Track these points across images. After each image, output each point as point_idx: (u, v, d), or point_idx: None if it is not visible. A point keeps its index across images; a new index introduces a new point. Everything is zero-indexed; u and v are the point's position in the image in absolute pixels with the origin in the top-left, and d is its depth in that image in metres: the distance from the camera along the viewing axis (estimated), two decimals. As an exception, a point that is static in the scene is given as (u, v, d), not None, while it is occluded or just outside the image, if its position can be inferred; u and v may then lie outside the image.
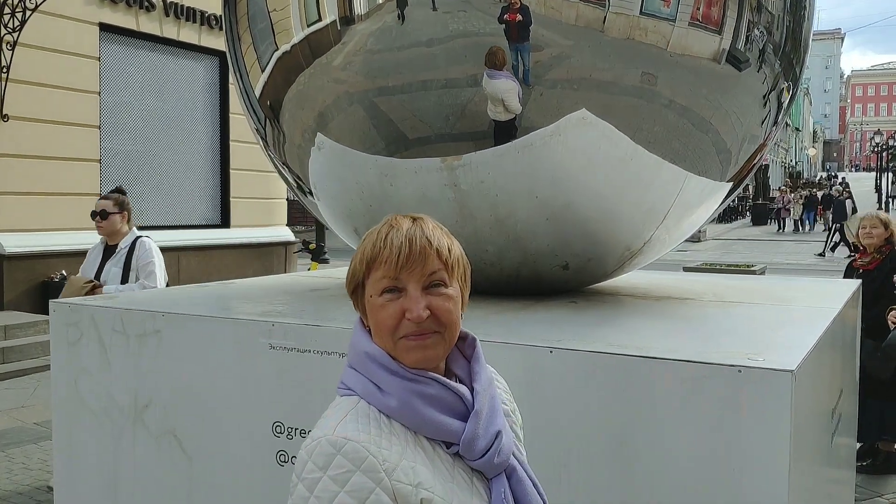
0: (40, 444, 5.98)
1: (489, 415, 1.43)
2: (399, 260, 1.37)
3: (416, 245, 1.39)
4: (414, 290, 1.37)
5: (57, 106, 10.77)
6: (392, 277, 1.38)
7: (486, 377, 1.49)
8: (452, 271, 1.42)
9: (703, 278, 4.65)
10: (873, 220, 5.73)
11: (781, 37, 3.09)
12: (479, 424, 1.40)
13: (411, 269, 1.37)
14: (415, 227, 1.42)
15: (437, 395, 1.39)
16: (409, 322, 1.37)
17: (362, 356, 1.43)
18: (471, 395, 1.43)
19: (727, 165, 3.18)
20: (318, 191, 3.39)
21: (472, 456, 1.40)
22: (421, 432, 1.39)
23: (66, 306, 3.28)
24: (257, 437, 2.78)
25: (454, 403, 1.41)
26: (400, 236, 1.40)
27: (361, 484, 1.29)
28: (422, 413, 1.38)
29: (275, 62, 3.13)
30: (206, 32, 12.84)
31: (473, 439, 1.39)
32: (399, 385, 1.38)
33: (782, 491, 1.99)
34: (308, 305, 3.28)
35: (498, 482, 1.43)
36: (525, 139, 2.80)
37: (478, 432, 1.40)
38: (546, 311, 3.02)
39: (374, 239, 1.42)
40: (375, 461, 1.31)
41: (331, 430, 1.34)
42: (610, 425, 2.21)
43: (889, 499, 5.13)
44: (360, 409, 1.39)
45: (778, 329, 2.79)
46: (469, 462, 1.41)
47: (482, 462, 1.41)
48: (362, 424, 1.35)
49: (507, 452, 1.45)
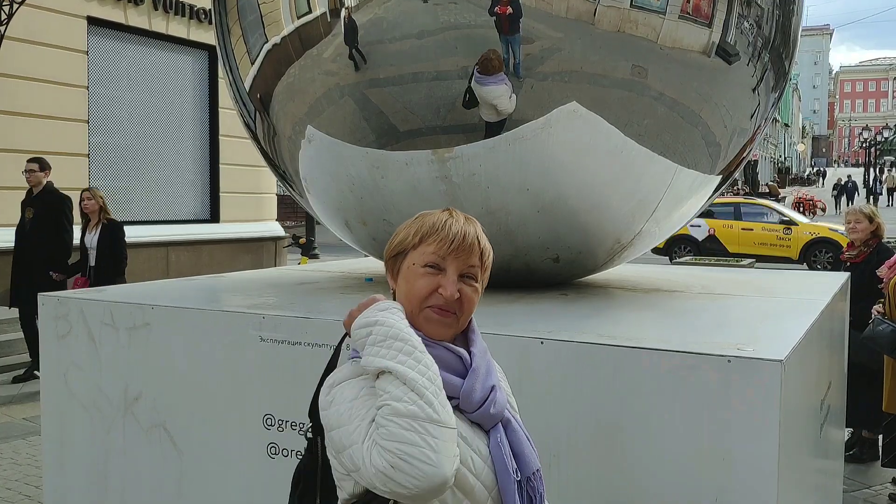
0: (29, 440, 5.95)
1: (485, 372, 1.62)
2: (452, 245, 1.59)
3: (469, 239, 1.61)
4: (452, 274, 1.59)
5: (44, 100, 10.69)
6: (440, 256, 1.59)
7: (482, 346, 1.68)
8: (484, 271, 1.66)
9: (692, 271, 4.68)
10: (857, 214, 5.76)
11: (771, 31, 3.10)
12: (476, 379, 1.59)
13: (457, 256, 1.60)
14: (469, 224, 1.64)
15: (439, 355, 1.56)
16: (440, 296, 1.58)
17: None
18: (469, 357, 1.62)
19: (717, 158, 3.20)
20: (308, 183, 3.38)
21: (470, 408, 1.57)
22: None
23: (54, 299, 3.27)
24: (248, 430, 2.77)
25: (454, 363, 1.59)
26: (458, 227, 1.61)
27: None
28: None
29: (265, 54, 3.12)
30: (195, 26, 12.77)
31: (471, 392, 1.57)
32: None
33: (771, 480, 2.01)
34: (298, 298, 3.27)
35: (495, 431, 1.59)
36: (516, 132, 2.80)
37: (475, 386, 1.58)
38: (537, 303, 3.03)
39: (434, 221, 1.62)
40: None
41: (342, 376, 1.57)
42: (600, 415, 2.22)
43: (877, 490, 5.16)
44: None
45: (767, 320, 2.81)
46: (468, 415, 1.57)
47: (479, 413, 1.58)
48: (365, 379, 1.54)
49: (502, 405, 1.62)
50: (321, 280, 3.90)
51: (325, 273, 4.21)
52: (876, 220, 5.70)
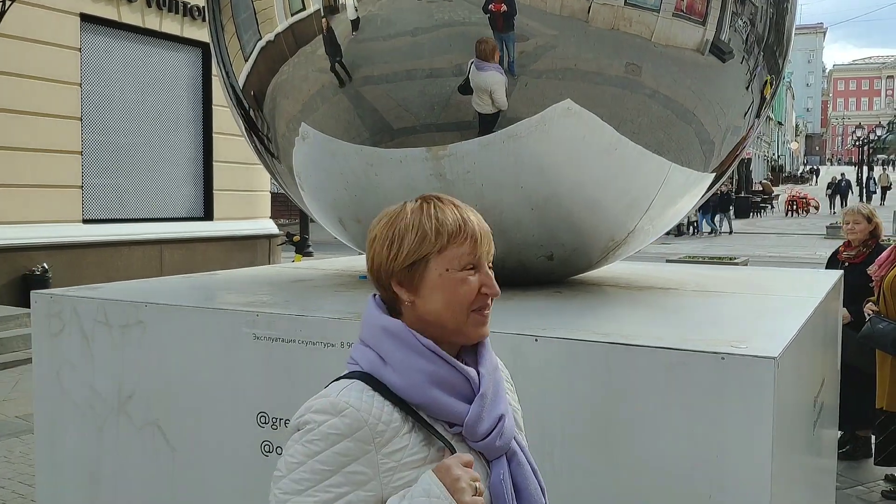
0: (22, 438, 5.94)
1: (493, 398, 1.47)
2: (481, 237, 1.46)
3: (484, 225, 1.49)
4: (486, 268, 1.47)
5: (37, 97, 10.66)
6: (475, 254, 1.45)
7: (492, 362, 1.54)
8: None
9: (685, 269, 4.68)
10: (856, 214, 5.75)
11: (765, 29, 3.10)
12: (483, 407, 1.45)
13: (486, 247, 1.47)
14: (468, 207, 1.49)
15: (446, 376, 1.43)
16: (484, 297, 1.46)
17: (377, 331, 1.46)
18: (477, 377, 1.47)
19: (710, 156, 3.20)
20: (302, 181, 3.38)
21: (474, 438, 1.44)
22: (424, 411, 1.42)
23: (48, 297, 3.26)
24: (241, 428, 2.77)
25: (461, 385, 1.45)
26: (468, 215, 1.47)
27: (347, 450, 1.35)
28: (428, 393, 1.42)
29: (259, 52, 3.12)
30: (189, 24, 12.74)
31: (477, 422, 1.44)
32: (411, 362, 1.42)
33: (765, 477, 2.01)
34: (293, 296, 3.27)
35: (498, 464, 1.47)
36: (510, 129, 2.80)
37: (482, 415, 1.44)
38: (531, 301, 3.03)
39: (447, 218, 1.45)
40: (370, 433, 1.36)
41: (335, 393, 1.39)
42: (594, 412, 2.22)
43: (869, 487, 5.18)
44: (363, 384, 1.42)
45: (760, 318, 2.81)
46: (471, 444, 1.45)
47: (484, 444, 1.45)
48: (366, 395, 1.40)
49: (509, 436, 1.49)
50: (315, 278, 3.89)
51: (320, 271, 4.20)
52: (874, 221, 5.70)
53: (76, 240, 11.03)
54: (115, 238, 11.44)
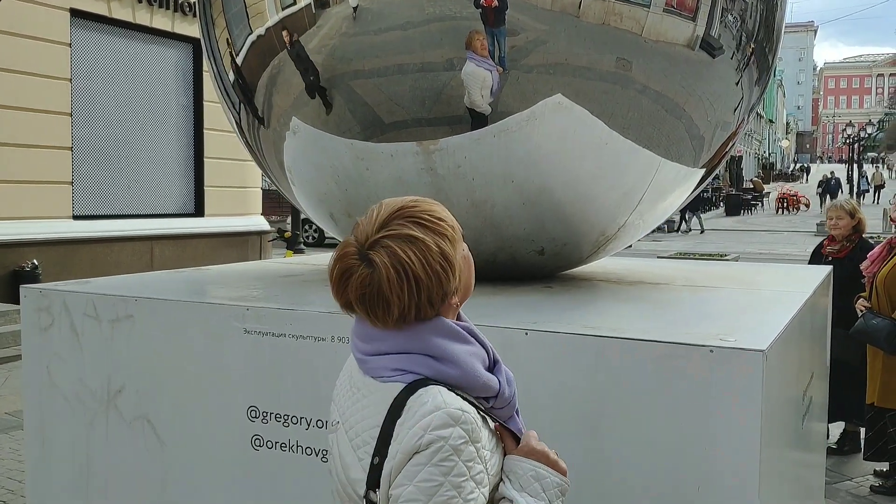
0: (11, 434, 5.92)
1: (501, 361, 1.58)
2: None
3: None
4: None
5: (27, 93, 10.59)
6: None
7: None
8: None
9: (675, 264, 4.70)
10: (839, 210, 5.78)
11: (755, 25, 3.11)
12: (503, 372, 1.56)
13: None
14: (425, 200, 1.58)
15: (478, 352, 1.52)
16: None
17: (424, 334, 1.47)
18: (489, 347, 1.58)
19: (700, 152, 3.21)
20: (293, 175, 3.38)
21: (503, 403, 1.53)
22: (474, 393, 1.48)
23: (37, 291, 3.25)
24: (232, 422, 2.77)
25: (484, 357, 1.54)
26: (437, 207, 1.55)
27: (470, 455, 1.40)
28: (478, 373, 1.48)
29: (249, 46, 3.11)
30: (180, 19, 12.68)
31: (507, 387, 1.54)
32: (461, 350, 1.48)
33: (753, 469, 2.03)
34: (283, 290, 3.27)
35: (513, 422, 1.57)
36: (501, 124, 2.80)
37: (508, 379, 1.56)
38: (522, 295, 3.04)
39: (442, 213, 1.53)
40: (478, 431, 1.42)
41: (440, 404, 1.40)
42: (584, 405, 2.23)
43: (858, 482, 5.21)
44: (441, 387, 1.45)
45: (749, 312, 2.83)
46: (497, 411, 1.52)
47: (510, 408, 1.55)
48: (457, 396, 1.44)
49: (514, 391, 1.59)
50: (305, 273, 3.89)
51: (310, 266, 4.20)
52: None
53: (66, 236, 10.98)
54: (105, 234, 11.39)
